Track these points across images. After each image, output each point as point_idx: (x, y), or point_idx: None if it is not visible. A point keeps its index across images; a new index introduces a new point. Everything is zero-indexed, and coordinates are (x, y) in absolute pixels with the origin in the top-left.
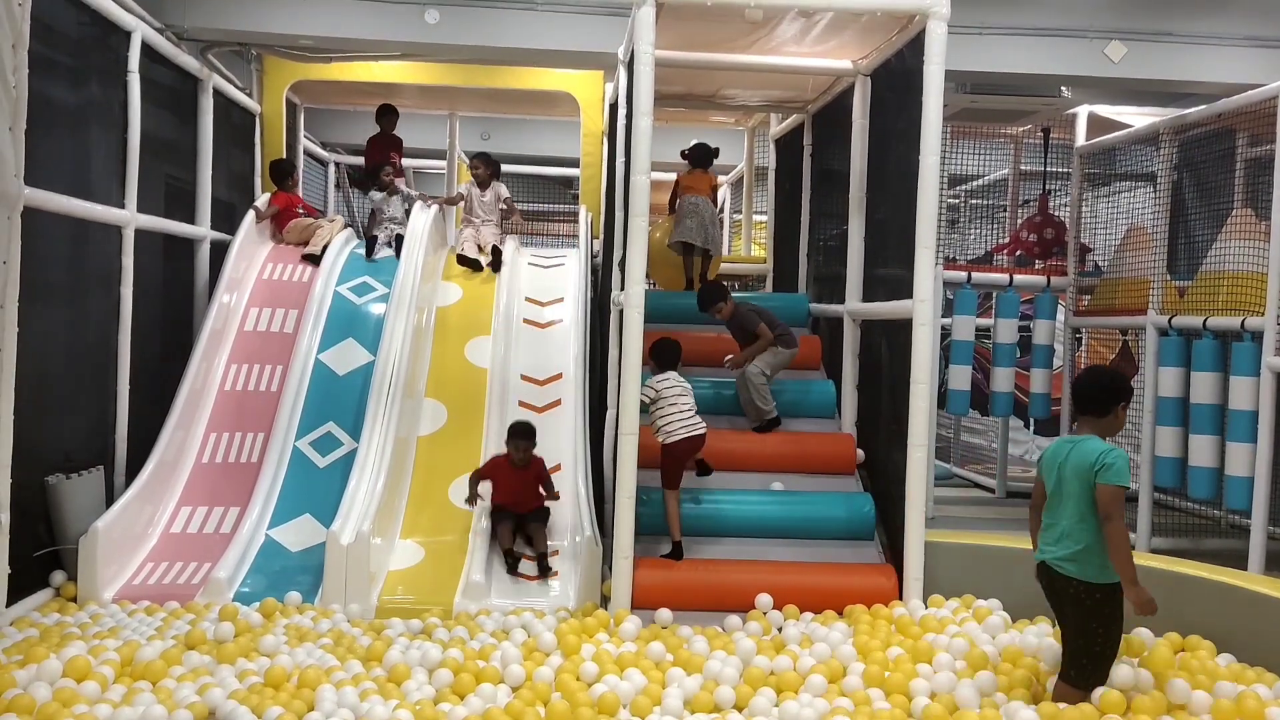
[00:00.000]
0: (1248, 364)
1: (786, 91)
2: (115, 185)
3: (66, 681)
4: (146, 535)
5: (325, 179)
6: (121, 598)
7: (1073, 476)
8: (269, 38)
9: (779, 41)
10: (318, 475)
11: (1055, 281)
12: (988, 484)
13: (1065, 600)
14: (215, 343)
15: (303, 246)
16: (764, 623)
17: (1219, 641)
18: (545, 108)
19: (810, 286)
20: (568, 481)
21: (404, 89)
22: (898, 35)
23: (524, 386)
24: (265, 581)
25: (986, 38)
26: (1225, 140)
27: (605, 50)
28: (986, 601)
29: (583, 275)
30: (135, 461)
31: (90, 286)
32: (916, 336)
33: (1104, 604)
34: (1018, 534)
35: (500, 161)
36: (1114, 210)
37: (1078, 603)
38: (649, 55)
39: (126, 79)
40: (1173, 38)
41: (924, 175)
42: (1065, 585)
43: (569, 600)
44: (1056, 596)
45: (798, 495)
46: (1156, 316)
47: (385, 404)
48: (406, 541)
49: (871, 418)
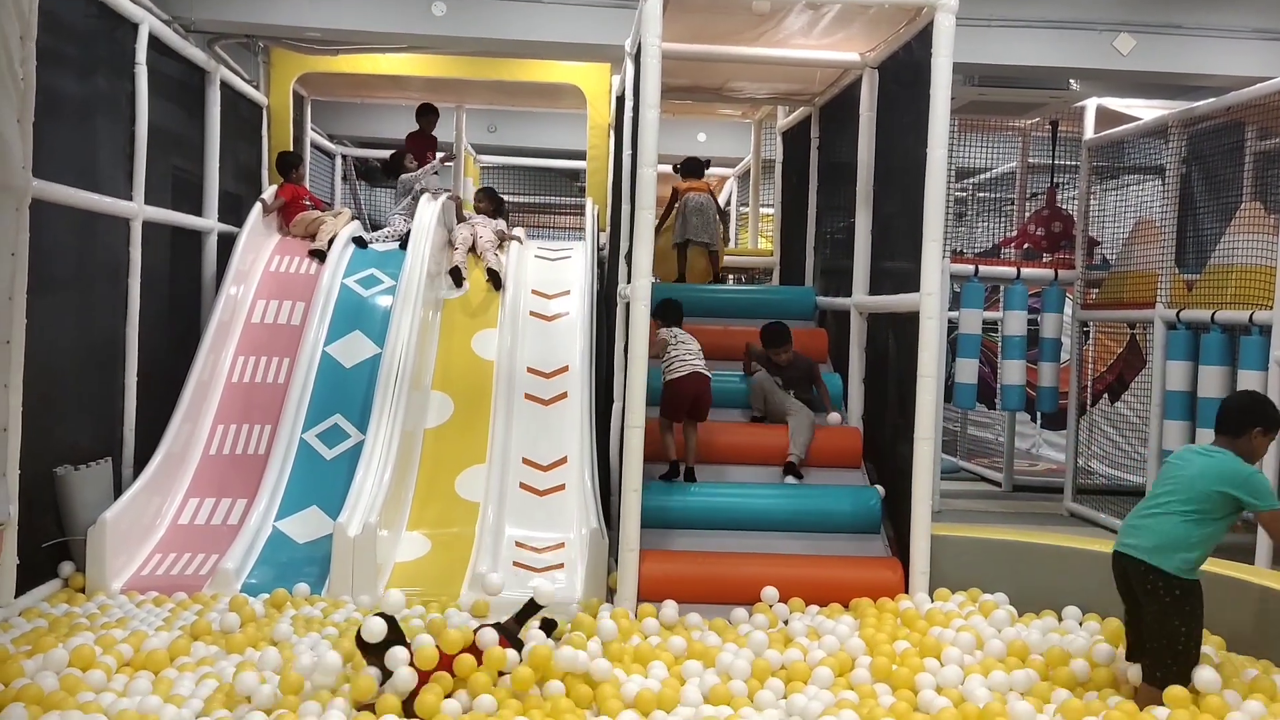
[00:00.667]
0: (1256, 358)
1: (793, 84)
2: (123, 177)
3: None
4: (154, 526)
5: (332, 171)
6: (129, 588)
7: (1204, 478)
8: (276, 30)
9: (786, 34)
10: (325, 467)
11: (1063, 275)
12: (994, 478)
13: (1143, 595)
14: (222, 335)
15: (309, 240)
16: (770, 616)
17: (1226, 637)
18: (552, 100)
19: (817, 280)
20: (574, 475)
21: (410, 81)
22: (905, 27)
23: (530, 379)
24: (272, 573)
25: (995, 30)
26: (1234, 133)
27: (612, 43)
28: (993, 595)
29: (589, 268)
30: (143, 453)
31: (98, 279)
32: (923, 330)
33: (1184, 600)
34: (1024, 528)
35: (503, 199)
36: (1122, 203)
37: (1155, 597)
38: (656, 47)
39: (134, 71)
40: (1182, 30)
41: (931, 168)
42: (1143, 578)
43: (575, 592)
44: (1133, 593)
45: (804, 488)
46: (1164, 310)
47: (392, 396)
48: (413, 533)
49: (878, 411)
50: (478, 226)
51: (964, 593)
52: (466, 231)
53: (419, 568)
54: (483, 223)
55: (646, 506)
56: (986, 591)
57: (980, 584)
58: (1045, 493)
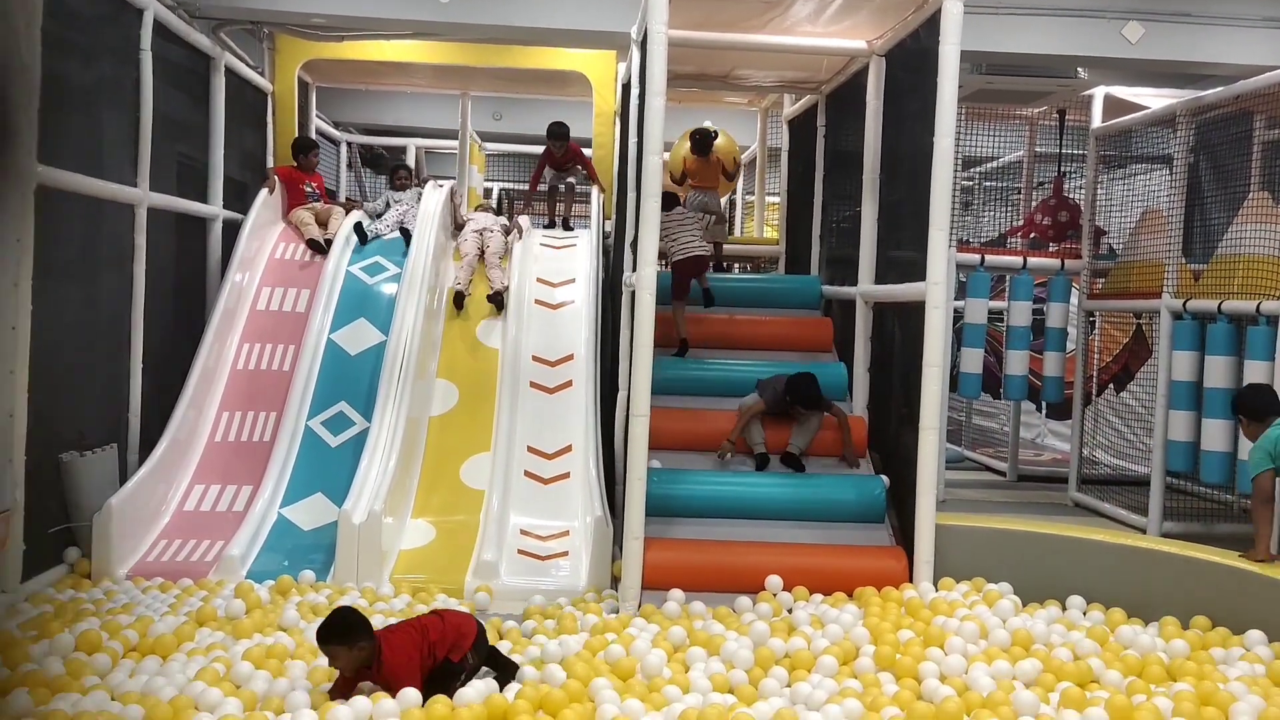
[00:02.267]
0: (1263, 348)
1: (800, 72)
2: (128, 164)
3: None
4: (160, 513)
5: (337, 158)
6: (135, 574)
7: None
8: (281, 16)
9: (793, 21)
10: (330, 455)
11: (1069, 264)
12: (999, 467)
13: None
14: (228, 322)
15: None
16: (774, 604)
17: (1232, 627)
18: (558, 88)
19: (823, 268)
20: (578, 463)
21: (416, 68)
22: (913, 15)
23: (535, 367)
24: (277, 559)
25: (1002, 18)
26: (1242, 123)
27: (618, 30)
28: (997, 585)
29: (594, 256)
30: (149, 440)
31: (103, 265)
32: (929, 319)
33: None
34: (1029, 517)
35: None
36: (1129, 193)
37: None
38: (662, 35)
39: (139, 57)
40: (1191, 19)
41: (938, 157)
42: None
43: (580, 581)
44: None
45: (809, 477)
46: (1171, 300)
47: (397, 384)
48: (418, 521)
49: (883, 400)
50: (486, 234)
51: (968, 582)
52: (475, 242)
53: (424, 555)
54: (491, 225)
55: (651, 495)
56: (991, 581)
57: (984, 573)
58: (1050, 482)
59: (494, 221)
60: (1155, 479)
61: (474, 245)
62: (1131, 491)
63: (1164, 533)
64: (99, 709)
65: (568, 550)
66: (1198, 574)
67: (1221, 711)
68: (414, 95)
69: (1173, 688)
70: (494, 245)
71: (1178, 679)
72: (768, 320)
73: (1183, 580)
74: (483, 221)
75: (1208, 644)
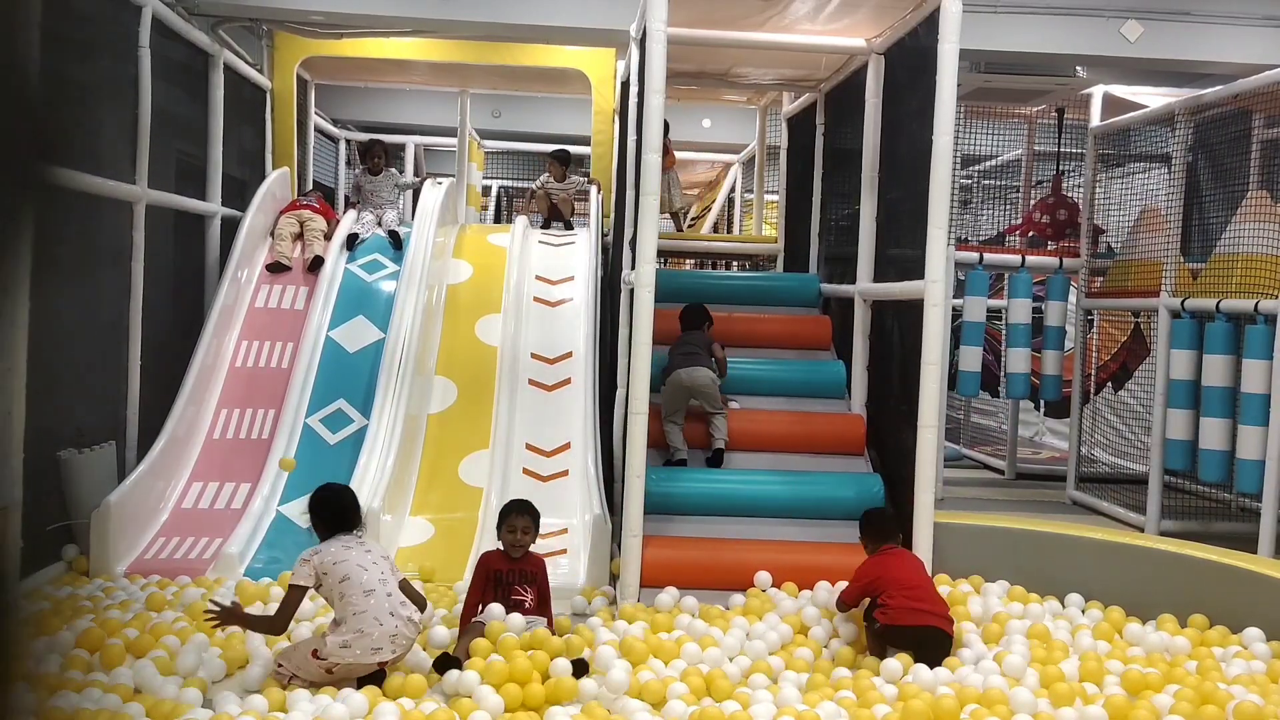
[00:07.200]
0: (1261, 347)
1: (799, 70)
2: (126, 161)
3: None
4: (158, 510)
5: (336, 156)
6: (133, 571)
7: None
8: (280, 13)
9: (792, 19)
10: (328, 452)
11: (1068, 263)
12: (998, 465)
13: None
14: (226, 319)
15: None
16: (764, 599)
17: (1230, 625)
18: (557, 85)
19: (821, 266)
20: (577, 460)
21: (415, 65)
22: (912, 13)
23: (534, 365)
24: (276, 557)
25: (1001, 16)
26: (1241, 121)
27: (617, 27)
28: (995, 583)
29: (593, 254)
30: (147, 437)
31: (101, 262)
32: (928, 317)
33: None
34: (1027, 515)
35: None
36: (1128, 191)
37: None
38: (662, 32)
39: (137, 54)
40: (1190, 17)
41: (937, 155)
42: None
43: (578, 579)
44: None
45: (807, 475)
46: (1169, 299)
47: (395, 381)
48: (417, 518)
49: (882, 398)
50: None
51: (966, 580)
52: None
53: (422, 552)
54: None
55: (649, 493)
56: (989, 579)
57: (983, 571)
58: (1048, 480)
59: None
60: (1153, 477)
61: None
62: (1129, 490)
63: (1162, 531)
64: (98, 706)
65: (566, 548)
66: (1195, 572)
67: (1220, 709)
68: (413, 92)
69: (1171, 687)
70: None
71: (1177, 678)
72: (766, 318)
73: (1180, 578)
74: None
75: (1206, 642)
